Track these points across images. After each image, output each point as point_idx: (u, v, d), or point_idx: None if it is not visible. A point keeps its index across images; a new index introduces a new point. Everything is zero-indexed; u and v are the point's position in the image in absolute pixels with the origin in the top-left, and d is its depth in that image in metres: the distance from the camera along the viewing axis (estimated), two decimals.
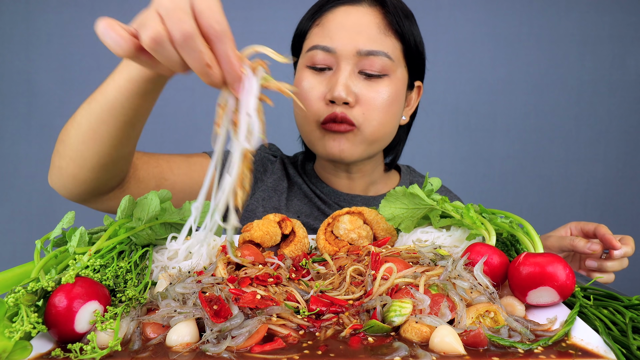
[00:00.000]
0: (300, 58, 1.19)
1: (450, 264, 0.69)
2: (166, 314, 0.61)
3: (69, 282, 0.60)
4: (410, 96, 1.25)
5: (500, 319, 0.61)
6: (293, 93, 0.65)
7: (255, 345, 0.57)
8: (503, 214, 0.86)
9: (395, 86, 1.13)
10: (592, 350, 0.56)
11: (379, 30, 1.11)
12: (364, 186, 1.32)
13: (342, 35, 1.10)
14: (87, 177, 0.93)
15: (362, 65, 1.10)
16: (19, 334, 0.54)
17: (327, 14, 1.14)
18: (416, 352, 0.55)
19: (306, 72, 1.15)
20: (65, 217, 0.79)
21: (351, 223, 0.92)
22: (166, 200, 0.89)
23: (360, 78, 1.11)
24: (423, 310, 0.61)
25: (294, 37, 1.25)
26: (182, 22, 0.56)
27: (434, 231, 0.87)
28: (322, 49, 1.11)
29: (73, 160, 0.91)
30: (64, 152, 0.92)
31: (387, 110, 1.13)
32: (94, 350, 0.55)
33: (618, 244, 0.98)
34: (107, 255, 0.75)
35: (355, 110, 1.11)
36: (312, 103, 1.13)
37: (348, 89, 1.08)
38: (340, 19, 1.12)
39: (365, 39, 1.09)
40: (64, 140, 0.92)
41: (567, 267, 0.65)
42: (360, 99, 1.10)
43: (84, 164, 0.91)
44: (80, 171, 0.92)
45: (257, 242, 0.90)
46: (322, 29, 1.13)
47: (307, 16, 1.20)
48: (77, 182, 0.95)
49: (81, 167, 0.92)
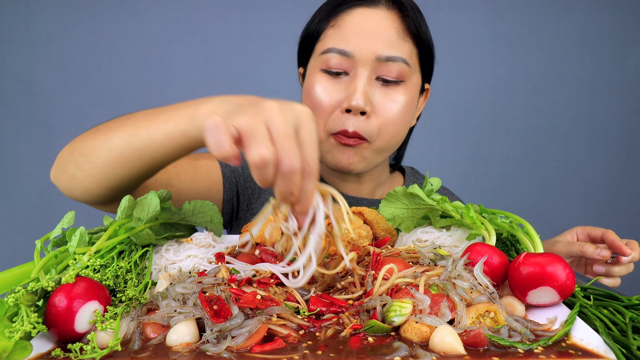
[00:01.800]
0: (312, 60, 1.15)
1: (450, 264, 0.69)
2: (166, 314, 0.61)
3: (69, 282, 0.60)
4: (420, 99, 1.24)
5: (500, 319, 0.61)
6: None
7: (255, 345, 0.57)
8: (503, 214, 0.86)
9: (410, 93, 1.11)
10: (592, 350, 0.56)
11: (397, 35, 1.07)
12: (371, 189, 1.31)
13: (360, 39, 1.05)
14: (100, 193, 0.89)
15: (380, 71, 1.06)
16: (19, 334, 0.54)
17: (344, 15, 1.09)
18: (416, 352, 0.55)
19: (320, 76, 1.10)
20: (65, 217, 0.79)
21: (351, 223, 0.92)
22: (166, 200, 0.89)
23: (377, 84, 1.08)
24: (423, 310, 0.61)
25: (303, 38, 1.19)
26: (293, 156, 0.58)
27: (434, 231, 0.87)
28: (338, 52, 1.06)
29: (93, 177, 0.87)
30: (85, 167, 0.87)
31: (402, 121, 1.11)
32: (94, 350, 0.55)
33: (628, 250, 0.97)
34: (107, 255, 0.75)
35: (370, 123, 1.07)
36: (325, 111, 1.09)
37: (366, 97, 1.05)
38: (357, 22, 1.07)
39: (384, 44, 1.05)
40: (87, 154, 0.86)
41: (567, 267, 0.65)
42: (377, 109, 1.07)
43: (103, 183, 0.87)
44: (97, 188, 0.88)
45: (257, 242, 0.90)
46: (339, 30, 1.08)
47: (320, 16, 1.13)
48: (89, 194, 0.90)
49: (99, 185, 0.87)
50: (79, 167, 0.87)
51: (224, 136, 0.57)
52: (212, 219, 0.98)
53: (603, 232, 1.03)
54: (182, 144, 0.76)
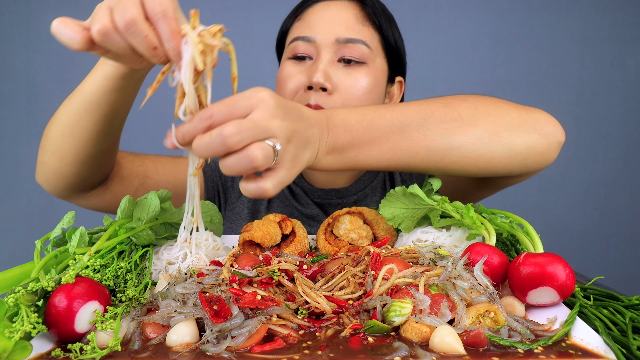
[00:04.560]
0: (283, 54, 1.21)
1: (450, 264, 0.69)
2: (166, 314, 0.61)
3: (69, 282, 0.60)
4: (392, 91, 1.26)
5: (500, 319, 0.61)
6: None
7: (255, 345, 0.57)
8: (503, 214, 0.86)
9: (374, 75, 1.14)
10: (592, 350, 0.56)
11: (356, 20, 1.14)
12: (347, 180, 1.30)
13: (321, 25, 1.12)
14: (67, 171, 0.95)
15: (341, 53, 1.11)
16: (19, 334, 0.54)
17: (308, 9, 1.18)
18: (416, 352, 0.55)
19: (287, 63, 1.16)
20: (65, 217, 0.79)
21: (351, 223, 0.92)
22: (166, 200, 0.89)
23: (339, 66, 1.12)
24: (423, 310, 0.61)
25: (278, 38, 1.27)
26: (125, 10, 0.60)
27: (434, 231, 0.87)
28: (302, 40, 1.13)
29: (54, 154, 0.94)
30: (46, 147, 0.96)
31: (366, 99, 1.13)
32: (94, 350, 0.55)
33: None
34: (107, 256, 0.75)
35: (333, 99, 1.10)
36: (291, 92, 1.13)
37: (327, 75, 1.09)
38: (319, 12, 1.15)
39: (344, 28, 1.11)
40: (46, 135, 0.96)
41: (567, 267, 0.65)
42: (339, 87, 1.10)
43: (63, 157, 0.94)
44: (61, 165, 0.95)
45: (257, 242, 0.90)
46: (303, 22, 1.16)
47: (289, 15, 1.23)
48: (59, 176, 0.97)
49: (61, 161, 0.94)
50: (43, 150, 0.97)
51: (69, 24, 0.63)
52: (212, 219, 0.98)
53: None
54: (109, 84, 0.82)
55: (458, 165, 0.84)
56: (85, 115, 0.88)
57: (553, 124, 0.90)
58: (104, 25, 0.61)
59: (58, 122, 0.92)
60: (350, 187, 1.29)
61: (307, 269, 0.75)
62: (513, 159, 0.86)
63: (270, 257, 0.78)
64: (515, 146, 0.85)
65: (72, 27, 0.63)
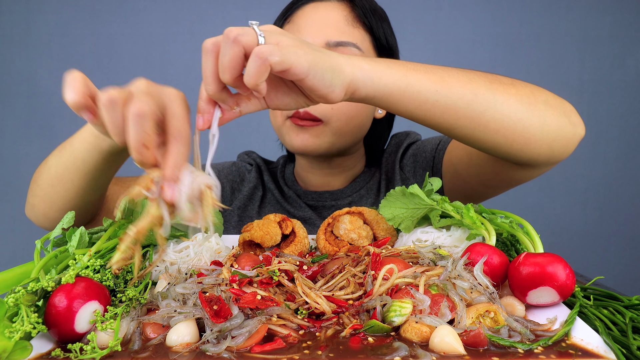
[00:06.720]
0: None
1: (450, 264, 0.69)
2: (166, 314, 0.61)
3: (69, 282, 0.60)
4: None
5: (500, 319, 0.61)
6: None
7: (255, 345, 0.57)
8: (503, 214, 0.86)
9: None
10: (592, 350, 0.56)
11: (346, 22, 1.12)
12: (343, 181, 1.31)
13: (310, 28, 1.11)
14: (57, 216, 0.96)
15: None
16: (19, 334, 0.54)
17: (297, 11, 1.17)
18: (416, 352, 0.55)
19: None
20: (65, 217, 0.79)
21: (351, 223, 0.92)
22: None
23: None
24: (423, 310, 0.61)
25: None
26: (143, 102, 0.57)
27: (434, 231, 0.87)
28: None
29: (43, 200, 0.96)
30: (35, 192, 0.98)
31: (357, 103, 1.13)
32: (94, 350, 0.55)
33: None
34: (107, 256, 0.75)
35: (322, 105, 1.10)
36: None
37: None
38: (309, 15, 1.14)
39: (333, 31, 1.10)
40: (35, 180, 0.98)
41: (567, 267, 0.65)
42: None
43: (52, 205, 0.95)
44: (50, 210, 0.97)
45: (257, 242, 0.90)
46: (293, 25, 1.15)
47: (278, 17, 1.22)
48: (48, 219, 0.99)
49: (50, 207, 0.96)
50: (34, 194, 0.98)
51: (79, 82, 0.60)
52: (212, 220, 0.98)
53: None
54: (96, 143, 0.82)
55: (499, 124, 0.80)
56: (72, 169, 0.89)
57: (579, 117, 0.89)
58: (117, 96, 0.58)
59: (48, 171, 0.94)
60: (344, 189, 1.29)
61: (307, 269, 0.75)
62: (545, 135, 0.83)
63: (270, 257, 0.78)
64: (549, 122, 0.83)
65: (80, 86, 0.60)
